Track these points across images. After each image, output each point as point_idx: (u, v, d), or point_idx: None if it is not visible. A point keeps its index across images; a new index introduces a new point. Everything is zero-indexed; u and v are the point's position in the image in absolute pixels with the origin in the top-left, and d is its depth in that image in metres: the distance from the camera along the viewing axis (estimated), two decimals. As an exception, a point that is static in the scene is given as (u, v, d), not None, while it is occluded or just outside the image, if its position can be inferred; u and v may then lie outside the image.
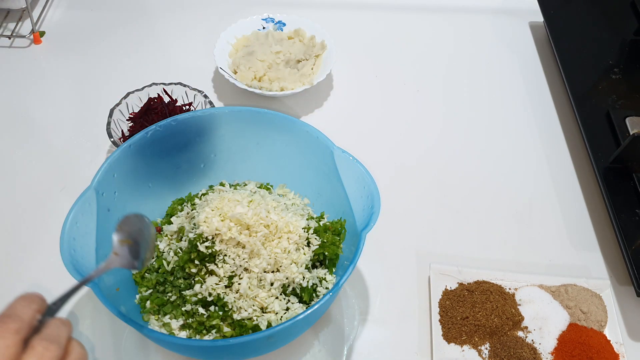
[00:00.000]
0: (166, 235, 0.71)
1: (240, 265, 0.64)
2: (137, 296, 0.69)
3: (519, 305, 0.73)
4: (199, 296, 0.64)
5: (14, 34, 1.06)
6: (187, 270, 0.66)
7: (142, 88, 0.88)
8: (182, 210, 0.74)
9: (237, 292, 0.64)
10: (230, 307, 0.64)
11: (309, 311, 0.58)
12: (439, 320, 0.72)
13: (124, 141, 0.83)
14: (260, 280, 0.65)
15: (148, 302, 0.67)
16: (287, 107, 0.98)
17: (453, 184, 0.89)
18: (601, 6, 1.10)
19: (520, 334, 0.71)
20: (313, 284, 0.67)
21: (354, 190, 0.69)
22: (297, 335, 0.69)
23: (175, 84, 0.89)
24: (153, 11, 1.14)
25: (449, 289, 0.75)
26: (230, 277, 0.64)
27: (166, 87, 0.89)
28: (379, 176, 0.70)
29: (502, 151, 0.94)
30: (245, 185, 0.78)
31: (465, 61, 1.08)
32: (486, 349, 0.70)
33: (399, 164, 0.91)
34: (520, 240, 0.83)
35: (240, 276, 0.64)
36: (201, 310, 0.64)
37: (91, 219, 0.64)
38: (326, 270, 0.70)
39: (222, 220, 0.64)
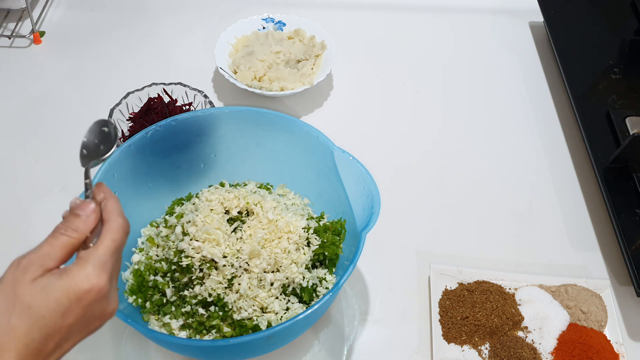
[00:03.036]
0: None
1: (240, 266, 0.64)
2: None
3: (519, 305, 0.73)
4: (199, 297, 0.64)
5: (14, 34, 1.06)
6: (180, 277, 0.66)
7: (142, 88, 0.88)
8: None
9: (237, 292, 0.64)
10: (230, 307, 0.64)
11: (309, 311, 0.58)
12: (439, 320, 0.72)
13: (124, 141, 0.82)
14: (260, 281, 0.65)
15: (148, 302, 0.67)
16: (287, 107, 0.98)
17: (453, 183, 0.89)
18: (601, 6, 1.10)
19: (520, 334, 0.71)
20: (313, 284, 0.67)
21: (354, 190, 0.69)
22: (297, 335, 0.69)
23: (175, 84, 0.89)
24: (153, 11, 1.14)
25: (449, 289, 0.75)
26: (231, 279, 0.64)
27: (166, 87, 0.89)
28: (379, 176, 0.70)
29: (502, 151, 0.94)
30: (245, 185, 0.78)
31: (465, 61, 1.08)
32: (486, 349, 0.70)
33: (399, 164, 0.91)
34: (520, 240, 0.83)
35: (241, 276, 0.64)
36: (201, 310, 0.64)
37: (91, 219, 0.64)
38: (326, 270, 0.70)
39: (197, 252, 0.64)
